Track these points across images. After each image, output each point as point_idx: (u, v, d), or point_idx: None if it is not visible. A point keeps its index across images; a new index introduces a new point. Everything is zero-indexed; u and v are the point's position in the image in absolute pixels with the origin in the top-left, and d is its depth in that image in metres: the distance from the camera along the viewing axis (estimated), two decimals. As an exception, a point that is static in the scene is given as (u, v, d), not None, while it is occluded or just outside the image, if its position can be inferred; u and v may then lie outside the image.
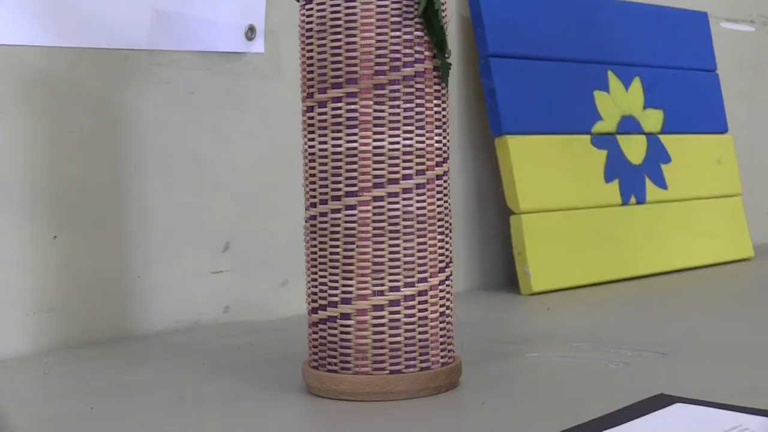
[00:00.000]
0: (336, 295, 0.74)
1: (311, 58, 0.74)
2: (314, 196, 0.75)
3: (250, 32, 1.09)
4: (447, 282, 0.76)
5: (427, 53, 0.73)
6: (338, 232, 0.73)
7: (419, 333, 0.74)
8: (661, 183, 1.45)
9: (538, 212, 1.28)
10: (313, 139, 0.74)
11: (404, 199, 0.73)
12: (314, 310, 0.76)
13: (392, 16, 0.72)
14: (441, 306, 0.75)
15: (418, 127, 0.73)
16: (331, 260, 0.74)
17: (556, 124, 1.34)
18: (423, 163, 0.73)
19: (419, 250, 0.73)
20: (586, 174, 1.35)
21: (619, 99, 1.43)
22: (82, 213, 0.98)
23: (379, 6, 0.71)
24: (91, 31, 0.98)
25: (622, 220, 1.39)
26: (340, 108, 0.72)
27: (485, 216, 1.35)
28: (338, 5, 0.72)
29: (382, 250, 0.72)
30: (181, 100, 1.05)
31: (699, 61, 1.59)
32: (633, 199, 1.41)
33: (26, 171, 0.94)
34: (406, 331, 0.73)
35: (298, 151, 0.78)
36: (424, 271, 0.74)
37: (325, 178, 0.73)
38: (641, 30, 1.50)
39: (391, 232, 0.73)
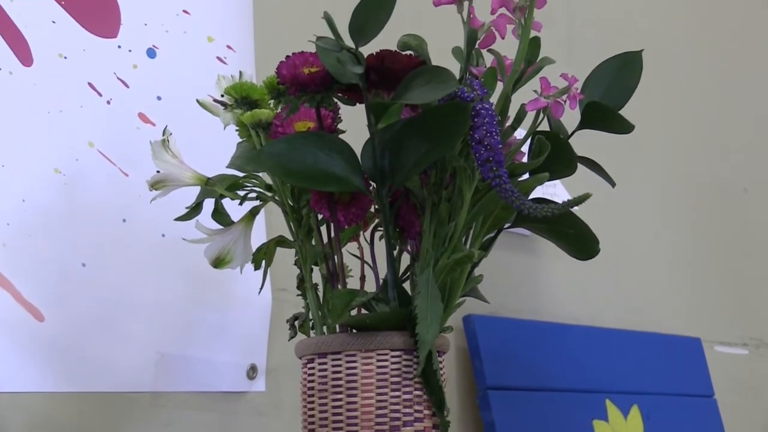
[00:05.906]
0: None
1: (312, 416, 0.75)
2: None
3: (252, 371, 1.11)
4: None
5: (426, 411, 0.74)
6: None
7: None
8: None
9: None
10: (313, 498, 0.74)
11: None
12: None
13: (392, 376, 0.73)
14: None
15: (418, 487, 0.73)
16: None
17: (557, 456, 1.33)
18: None
19: None
20: (590, 507, 1.33)
21: (618, 428, 1.42)
22: None
23: (379, 367, 0.73)
24: (95, 375, 0.99)
25: None
26: (340, 467, 0.73)
27: None
28: (339, 365, 0.74)
29: None
30: (182, 442, 1.05)
31: (696, 386, 1.60)
32: None
33: None
34: None
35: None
36: None
37: None
38: (636, 357, 1.52)
39: None
